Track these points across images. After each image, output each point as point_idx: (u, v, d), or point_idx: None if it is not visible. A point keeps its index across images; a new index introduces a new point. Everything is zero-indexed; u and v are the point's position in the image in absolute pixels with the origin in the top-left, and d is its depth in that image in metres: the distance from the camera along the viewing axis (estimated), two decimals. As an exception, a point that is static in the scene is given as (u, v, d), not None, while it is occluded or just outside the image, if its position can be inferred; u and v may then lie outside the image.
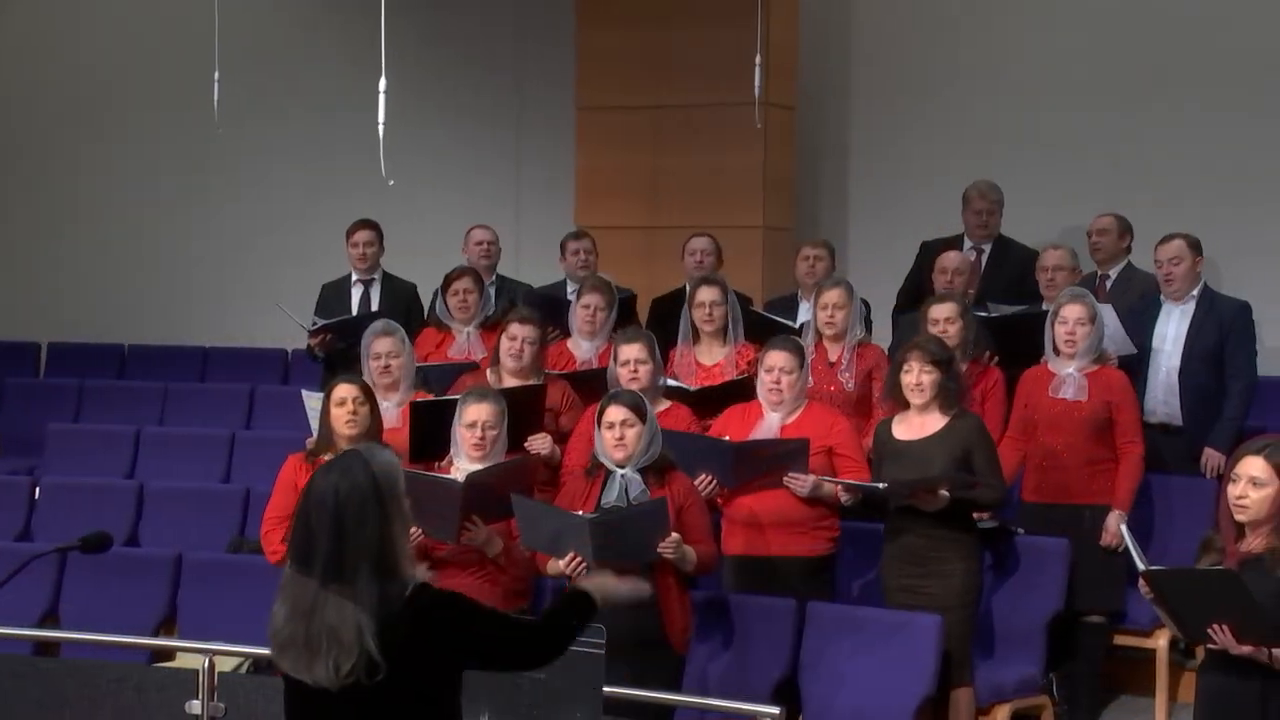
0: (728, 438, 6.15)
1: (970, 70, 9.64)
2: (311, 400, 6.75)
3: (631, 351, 6.48)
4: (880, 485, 5.96)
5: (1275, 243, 8.79)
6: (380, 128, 6.19)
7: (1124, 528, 4.83)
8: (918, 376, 6.01)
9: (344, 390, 5.97)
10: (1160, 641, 6.69)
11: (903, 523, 6.04)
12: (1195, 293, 7.31)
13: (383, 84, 6.20)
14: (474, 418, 5.84)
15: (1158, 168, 9.09)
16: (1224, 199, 8.87)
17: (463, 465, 5.83)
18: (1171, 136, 9.08)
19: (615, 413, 5.63)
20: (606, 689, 4.57)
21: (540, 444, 6.56)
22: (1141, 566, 4.54)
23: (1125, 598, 6.69)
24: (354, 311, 8.44)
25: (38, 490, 8.19)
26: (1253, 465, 4.49)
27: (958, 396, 6.10)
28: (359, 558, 3.38)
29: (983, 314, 7.34)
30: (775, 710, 4.86)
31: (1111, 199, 8.50)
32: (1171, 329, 7.31)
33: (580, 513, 5.48)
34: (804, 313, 7.72)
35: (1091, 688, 6.72)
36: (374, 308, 8.41)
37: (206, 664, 5.21)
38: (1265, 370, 7.64)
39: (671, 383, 6.84)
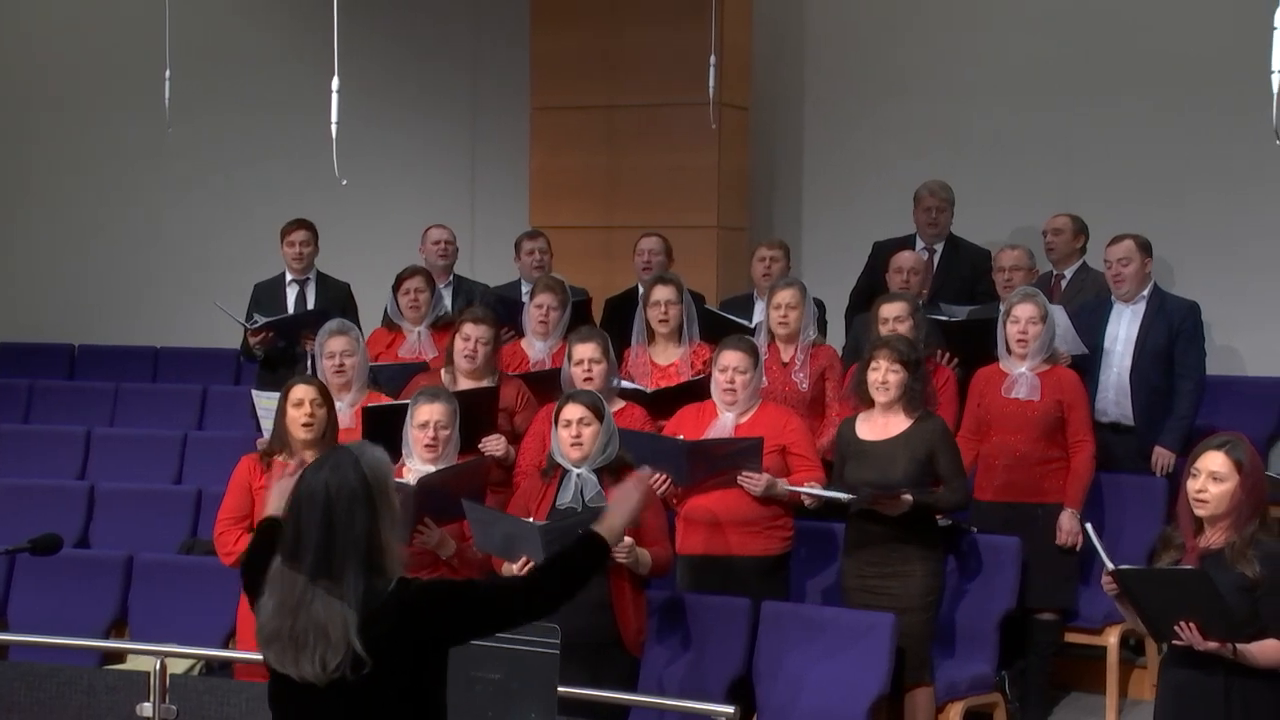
0: (681, 437, 6.15)
1: (923, 71, 9.68)
2: (261, 399, 6.71)
3: (585, 351, 6.48)
4: (844, 496, 5.98)
5: (1225, 243, 8.86)
6: (333, 127, 6.17)
7: (1088, 527, 4.86)
8: (884, 375, 6.03)
9: (302, 391, 5.89)
10: (1111, 639, 6.74)
11: (864, 524, 6.05)
12: (1145, 293, 7.36)
13: (335, 83, 6.18)
14: (425, 418, 5.82)
15: (1110, 168, 9.14)
16: (1176, 199, 8.93)
17: (415, 466, 5.80)
18: (1123, 137, 9.14)
19: (573, 411, 5.62)
20: (561, 689, 4.57)
21: (494, 445, 6.55)
22: (1110, 565, 4.59)
23: (1077, 595, 6.75)
24: (290, 311, 8.40)
25: (-13, 492, 8.12)
26: (1213, 460, 4.55)
27: (922, 399, 6.12)
28: (347, 554, 3.41)
29: (941, 318, 7.37)
30: (730, 709, 4.86)
31: (1063, 199, 8.56)
32: (1122, 329, 7.36)
33: (531, 519, 5.47)
34: (759, 312, 7.73)
35: (1043, 685, 6.76)
36: (310, 307, 8.37)
37: (158, 666, 5.18)
38: (1215, 370, 7.71)
39: (626, 384, 6.83)
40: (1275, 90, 4.65)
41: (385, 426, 6.10)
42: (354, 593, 3.40)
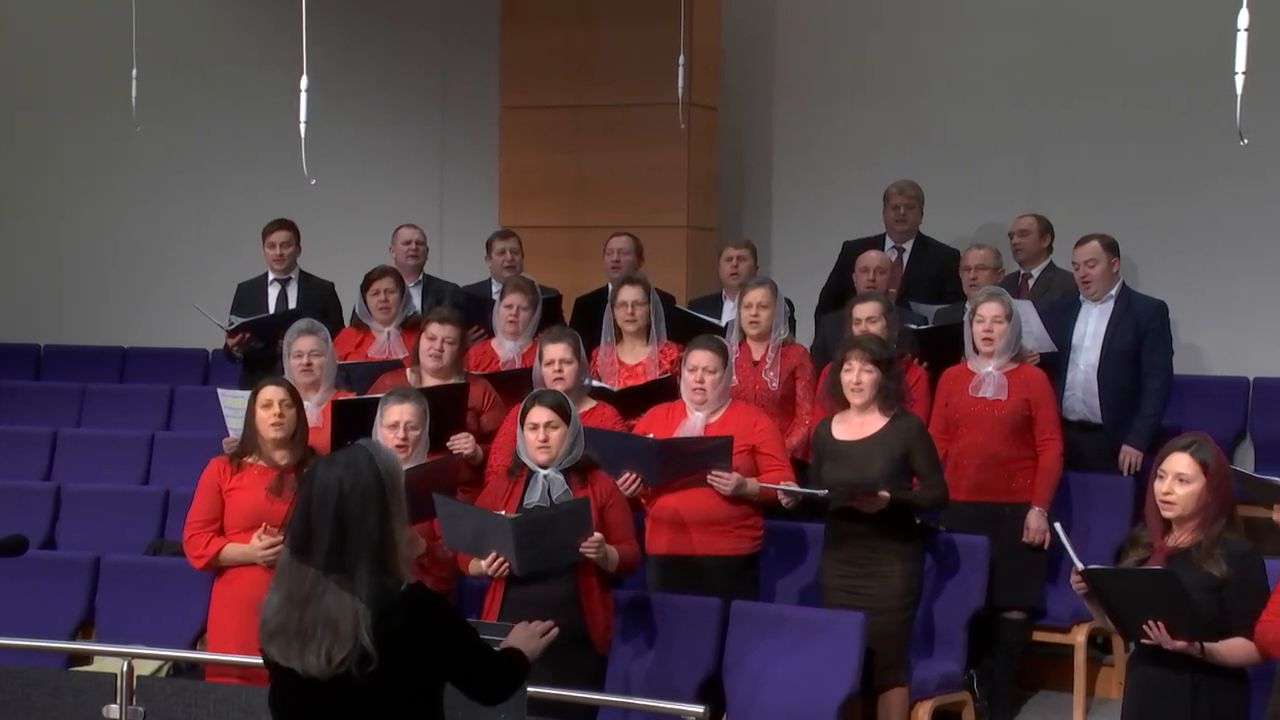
0: (651, 435, 6.15)
1: (893, 71, 9.70)
2: (228, 399, 6.68)
3: (556, 351, 6.47)
4: (820, 492, 5.98)
5: (1192, 242, 8.90)
6: (302, 126, 6.14)
7: (1057, 526, 4.89)
8: (858, 376, 6.03)
9: (270, 392, 5.87)
10: (1078, 637, 6.77)
11: (843, 524, 6.05)
12: (1114, 292, 7.39)
13: (304, 82, 6.15)
14: (396, 418, 5.82)
15: (1078, 168, 9.18)
16: (1143, 199, 8.97)
17: (385, 466, 5.78)
18: (1091, 137, 9.17)
19: (539, 414, 5.61)
20: (531, 689, 4.56)
21: (463, 444, 6.55)
22: (1079, 565, 4.61)
23: (1045, 594, 6.77)
24: (271, 311, 8.38)
25: (-48, 493, 8.07)
26: (1179, 462, 4.59)
27: (898, 397, 6.13)
28: (360, 549, 3.42)
29: (912, 326, 7.39)
30: (699, 709, 4.87)
31: (1032, 199, 8.60)
32: (1090, 328, 7.39)
33: (503, 513, 5.47)
34: (729, 312, 7.74)
35: (1011, 683, 6.78)
36: (291, 306, 8.35)
37: (125, 667, 5.15)
38: (1181, 369, 7.74)
39: (595, 384, 6.83)
40: (1239, 91, 4.68)
41: (354, 422, 6.09)
42: (366, 588, 3.41)
